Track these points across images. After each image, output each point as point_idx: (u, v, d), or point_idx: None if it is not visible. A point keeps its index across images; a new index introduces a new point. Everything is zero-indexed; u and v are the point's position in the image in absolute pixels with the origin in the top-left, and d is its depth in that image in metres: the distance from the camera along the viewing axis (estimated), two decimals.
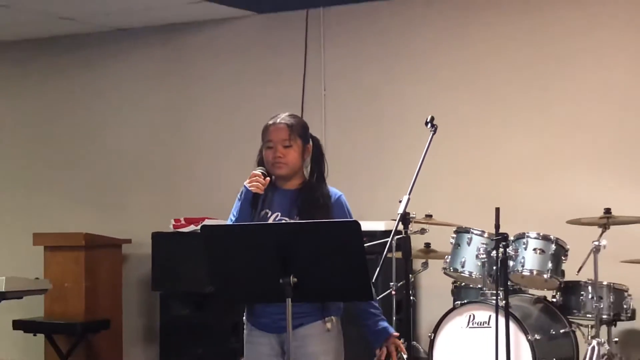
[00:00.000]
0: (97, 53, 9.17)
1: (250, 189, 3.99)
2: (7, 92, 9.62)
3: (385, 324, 4.08)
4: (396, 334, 4.15)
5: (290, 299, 3.65)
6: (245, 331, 4.11)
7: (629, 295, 6.36)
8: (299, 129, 4.10)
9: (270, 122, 4.10)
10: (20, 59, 9.51)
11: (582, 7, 7.39)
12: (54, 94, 9.39)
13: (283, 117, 4.10)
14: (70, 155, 9.28)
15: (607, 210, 6.17)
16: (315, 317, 3.97)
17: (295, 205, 4.05)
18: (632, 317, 6.39)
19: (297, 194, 4.09)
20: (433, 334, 6.23)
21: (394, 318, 6.80)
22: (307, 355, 3.94)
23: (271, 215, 4.06)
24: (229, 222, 4.09)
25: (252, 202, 4.01)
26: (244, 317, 4.11)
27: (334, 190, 4.15)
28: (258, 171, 4.04)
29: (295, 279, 3.63)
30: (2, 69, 9.61)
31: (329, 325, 3.99)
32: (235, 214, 4.08)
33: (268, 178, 4.05)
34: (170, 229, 8.16)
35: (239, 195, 4.09)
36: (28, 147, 9.48)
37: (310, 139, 4.16)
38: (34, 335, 8.32)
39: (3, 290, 6.93)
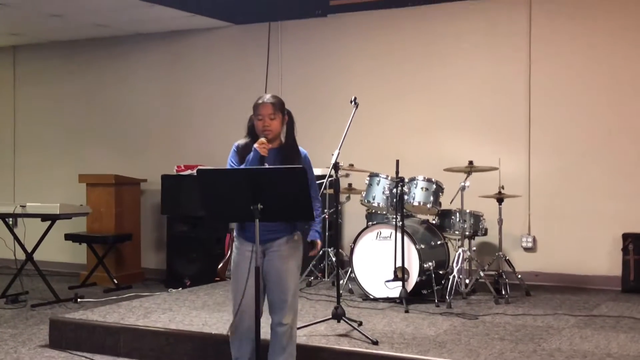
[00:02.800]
0: (123, 50, 8.95)
1: (261, 153, 3.83)
2: (60, 76, 9.37)
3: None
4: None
5: (258, 220, 3.61)
6: (235, 242, 4.01)
7: (484, 218, 6.42)
8: (279, 106, 3.96)
9: (260, 101, 3.94)
10: (71, 54, 9.25)
11: (433, 23, 7.37)
12: (93, 77, 9.15)
13: (268, 98, 3.96)
14: (105, 121, 9.08)
15: (470, 162, 6.19)
16: (287, 232, 3.92)
17: (278, 158, 3.97)
18: (485, 234, 6.46)
19: (279, 150, 3.99)
20: (353, 244, 6.24)
21: (327, 233, 6.82)
22: (282, 257, 3.91)
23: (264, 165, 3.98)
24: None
25: (260, 160, 3.85)
26: (235, 234, 4.03)
27: (302, 149, 4.05)
28: (264, 139, 3.88)
29: (262, 206, 3.58)
30: (58, 60, 9.34)
31: (296, 237, 3.96)
32: (234, 163, 3.94)
33: (270, 144, 3.91)
34: (174, 172, 8.06)
35: (234, 148, 3.96)
36: (76, 115, 9.25)
37: (286, 112, 4.07)
38: (79, 244, 8.24)
39: (57, 212, 6.81)
